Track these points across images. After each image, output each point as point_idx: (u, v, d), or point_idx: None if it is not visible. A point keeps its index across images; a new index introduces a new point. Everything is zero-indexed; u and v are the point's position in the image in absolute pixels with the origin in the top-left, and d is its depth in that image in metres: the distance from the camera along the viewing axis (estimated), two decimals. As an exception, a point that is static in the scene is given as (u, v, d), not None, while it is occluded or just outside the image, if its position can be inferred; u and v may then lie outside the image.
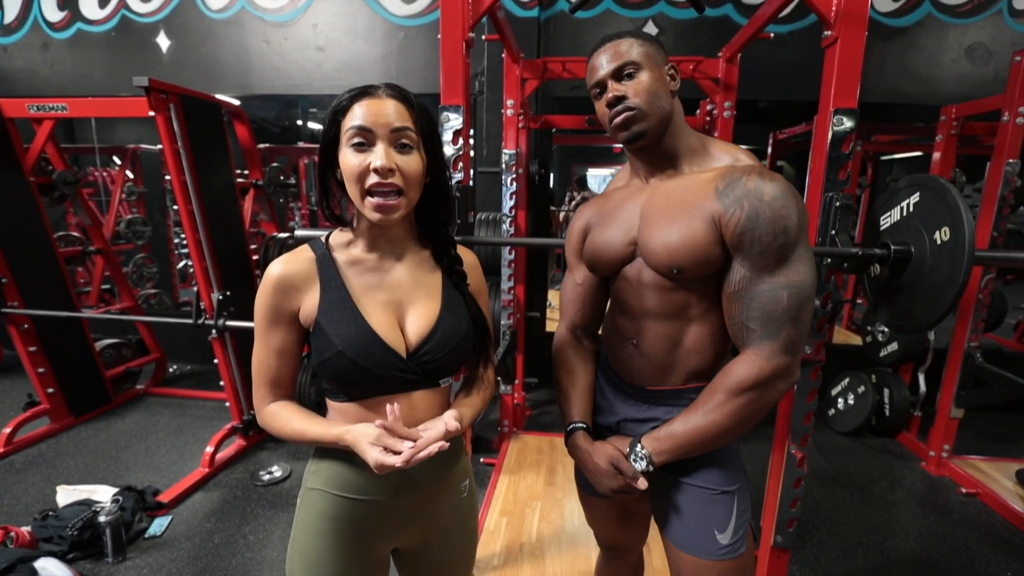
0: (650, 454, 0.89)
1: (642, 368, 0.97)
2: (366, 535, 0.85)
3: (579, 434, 0.99)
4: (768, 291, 0.82)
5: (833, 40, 1.38)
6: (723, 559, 0.93)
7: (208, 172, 2.37)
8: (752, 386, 0.83)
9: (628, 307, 0.98)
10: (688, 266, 0.86)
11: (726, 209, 0.83)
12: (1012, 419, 3.17)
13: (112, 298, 4.02)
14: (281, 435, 0.82)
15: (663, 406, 0.97)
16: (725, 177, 0.86)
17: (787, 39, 3.03)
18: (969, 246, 1.12)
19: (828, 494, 2.38)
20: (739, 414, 0.84)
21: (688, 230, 0.85)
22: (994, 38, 2.96)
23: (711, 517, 0.94)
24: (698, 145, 0.95)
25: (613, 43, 0.90)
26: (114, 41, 3.54)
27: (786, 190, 0.82)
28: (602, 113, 0.93)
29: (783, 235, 0.80)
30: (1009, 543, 2.08)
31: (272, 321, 0.80)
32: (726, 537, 0.93)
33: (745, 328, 0.85)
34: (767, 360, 0.83)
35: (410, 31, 3.25)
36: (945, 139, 2.66)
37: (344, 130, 0.76)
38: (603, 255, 0.99)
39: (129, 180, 4.45)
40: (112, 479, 2.37)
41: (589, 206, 1.07)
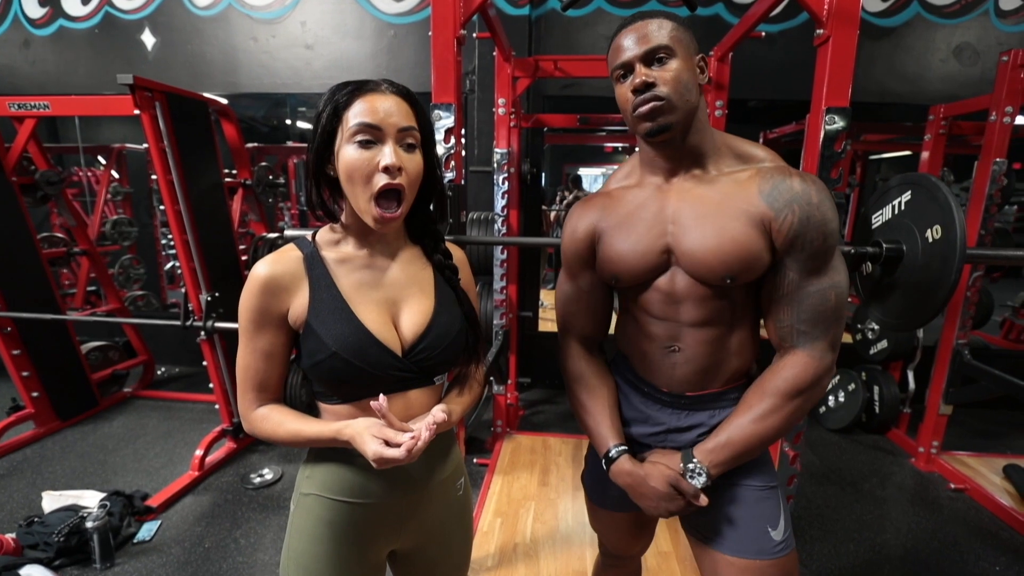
0: (707, 468, 0.86)
1: (684, 375, 0.92)
2: (364, 539, 0.84)
3: (625, 459, 0.92)
4: (817, 292, 0.83)
5: (825, 39, 1.38)
6: (779, 556, 0.88)
7: (195, 171, 2.33)
8: (808, 387, 0.83)
9: (660, 316, 0.91)
10: (741, 274, 0.83)
11: (777, 213, 0.81)
12: (999, 415, 3.21)
13: (98, 300, 3.95)
14: (273, 438, 0.79)
15: (705, 410, 0.93)
16: (767, 179, 0.83)
17: (777, 38, 3.04)
18: (961, 244, 1.13)
19: (819, 491, 2.39)
20: (795, 416, 0.84)
21: (742, 237, 0.82)
22: (981, 38, 2.99)
23: (763, 515, 0.90)
24: (720, 143, 0.90)
25: (644, 22, 0.82)
26: (97, 38, 3.48)
27: (828, 192, 0.82)
28: (624, 99, 0.85)
29: (831, 238, 0.81)
30: (997, 537, 2.10)
31: (259, 324, 0.77)
32: (779, 533, 0.90)
33: (795, 330, 0.84)
34: (820, 360, 0.83)
35: (400, 29, 3.23)
36: (933, 138, 2.68)
37: (347, 126, 0.72)
38: (630, 266, 0.89)
39: (114, 180, 4.38)
40: (99, 484, 2.32)
41: (590, 206, 0.96)
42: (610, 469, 0.94)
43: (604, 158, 9.16)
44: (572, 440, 2.78)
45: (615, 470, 0.93)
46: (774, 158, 0.88)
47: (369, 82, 0.74)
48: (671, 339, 0.91)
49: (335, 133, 0.74)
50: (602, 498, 1.07)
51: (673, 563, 1.84)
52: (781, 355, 0.87)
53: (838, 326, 0.84)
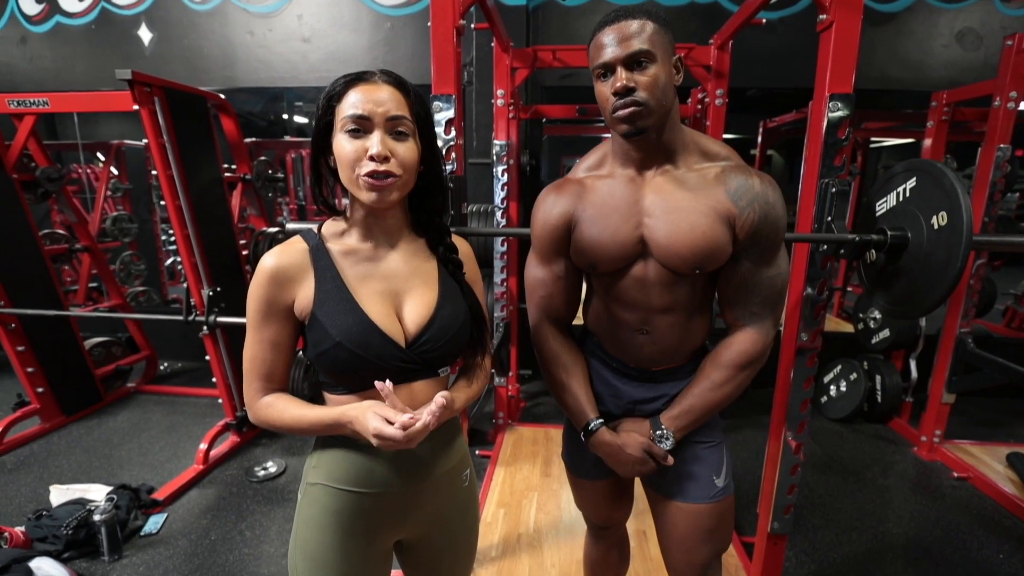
0: (673, 432, 0.98)
1: (651, 354, 1.02)
2: (370, 528, 0.85)
3: (603, 431, 1.01)
4: (767, 279, 0.94)
5: (828, 24, 1.36)
6: (719, 499, 1.03)
7: (195, 166, 2.33)
8: (757, 359, 0.96)
9: (632, 301, 0.98)
10: (708, 264, 0.93)
11: (741, 211, 0.91)
12: (1002, 404, 3.21)
13: (100, 296, 3.96)
14: (277, 426, 0.80)
15: (669, 382, 1.05)
16: (732, 178, 0.92)
17: (777, 26, 3.01)
18: (967, 231, 1.12)
19: (822, 480, 2.40)
20: (745, 384, 0.98)
21: (710, 232, 0.90)
22: (984, 23, 2.96)
23: (709, 465, 1.04)
24: (689, 140, 0.96)
25: (625, 22, 0.85)
26: (94, 34, 3.46)
27: (779, 192, 0.92)
28: (604, 97, 0.90)
29: (782, 232, 0.93)
30: (1000, 525, 2.11)
31: (265, 315, 0.78)
32: (721, 480, 1.04)
33: (748, 312, 0.96)
34: (766, 335, 0.96)
35: (396, 21, 3.20)
36: (936, 125, 2.66)
37: (339, 117, 0.74)
38: (609, 254, 0.95)
39: (114, 176, 4.38)
40: (106, 478, 2.34)
41: (563, 193, 1.00)
42: (589, 441, 1.02)
43: (604, 149, 9.10)
44: (575, 431, 2.79)
45: (594, 441, 1.02)
46: (733, 156, 0.97)
47: (364, 73, 0.75)
48: (641, 323, 1.00)
49: (331, 125, 0.75)
50: (581, 469, 1.16)
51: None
52: (733, 332, 0.98)
53: (781, 306, 0.98)
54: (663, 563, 1.77)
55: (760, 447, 1.58)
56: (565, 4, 3.09)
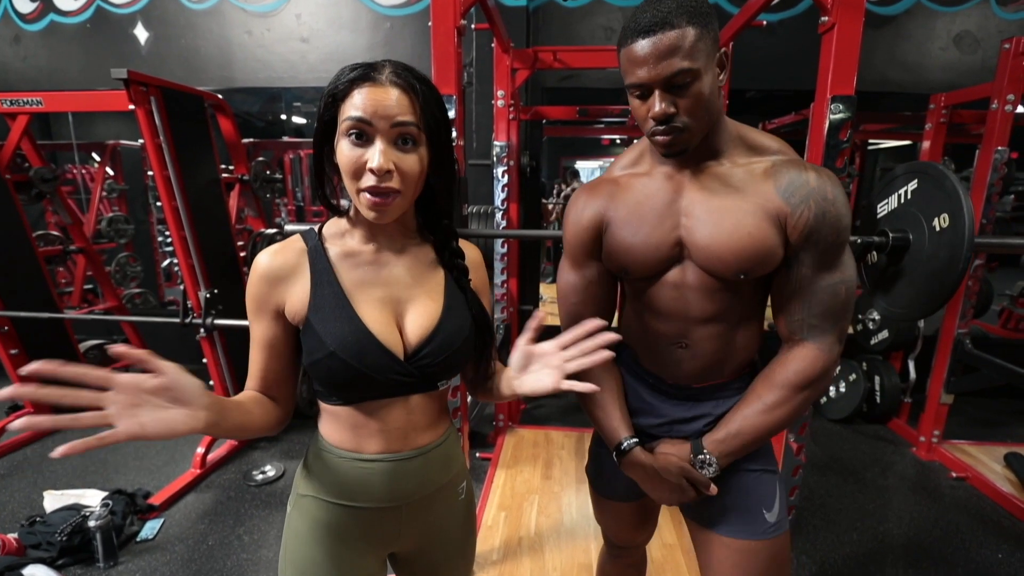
0: (717, 459, 0.87)
1: (690, 370, 0.92)
2: (362, 542, 0.81)
3: (637, 451, 0.92)
4: (828, 287, 0.83)
5: (830, 26, 1.36)
6: (772, 536, 0.91)
7: (192, 167, 2.30)
8: (817, 379, 0.84)
9: (669, 310, 0.90)
10: (755, 268, 0.83)
11: (793, 209, 0.80)
12: (999, 404, 3.22)
13: (95, 298, 3.92)
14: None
15: (711, 400, 0.94)
16: (783, 173, 0.82)
17: (777, 28, 3.02)
18: (969, 232, 1.12)
19: (822, 481, 2.40)
20: (803, 407, 0.85)
21: (757, 232, 0.81)
22: (981, 26, 2.97)
23: (759, 497, 0.92)
24: (734, 133, 0.87)
25: (663, 33, 0.73)
26: (90, 33, 3.43)
27: (842, 187, 0.82)
28: (641, 116, 0.81)
29: (844, 233, 0.81)
30: (998, 525, 2.11)
31: (255, 312, 0.76)
32: (773, 515, 0.91)
33: (806, 324, 0.84)
34: (828, 352, 0.84)
35: (396, 21, 3.20)
36: (935, 127, 2.67)
37: (342, 116, 0.69)
38: (641, 258, 0.87)
39: (109, 177, 4.34)
40: (101, 483, 2.31)
41: (596, 193, 0.92)
42: (622, 461, 0.93)
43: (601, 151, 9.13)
44: (574, 433, 2.78)
45: (627, 462, 0.93)
46: (787, 149, 0.87)
47: (372, 70, 0.69)
48: (679, 336, 0.90)
49: (334, 122, 0.71)
50: (607, 489, 1.07)
51: (678, 554, 1.85)
52: (790, 347, 0.87)
53: (846, 319, 0.84)
54: (663, 566, 1.78)
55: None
56: (566, 5, 3.09)
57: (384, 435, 0.78)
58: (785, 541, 0.93)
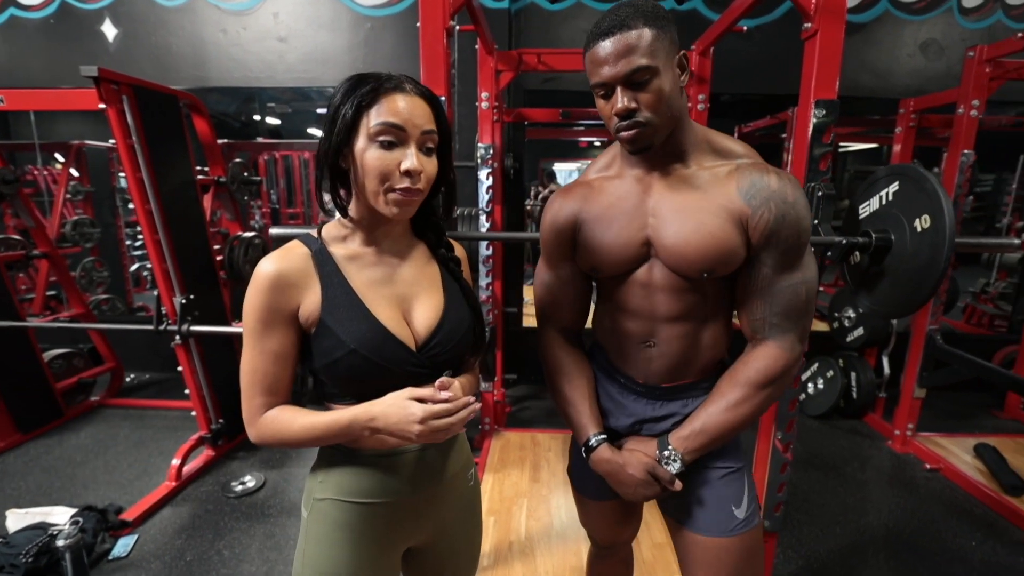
0: (681, 455, 0.89)
1: (658, 369, 0.95)
2: (383, 539, 0.83)
3: (604, 447, 0.95)
4: (789, 287, 0.86)
5: (813, 32, 1.39)
6: (742, 532, 0.94)
7: (166, 168, 2.23)
8: (778, 377, 0.87)
9: (637, 309, 0.93)
10: (718, 267, 0.86)
11: (754, 210, 0.83)
12: (968, 397, 3.35)
13: (58, 305, 3.75)
14: (286, 439, 0.76)
15: (678, 400, 0.97)
16: (745, 176, 0.85)
17: (753, 33, 3.08)
18: (950, 233, 1.16)
19: (803, 476, 2.45)
20: (765, 404, 0.88)
21: (720, 232, 0.84)
22: (946, 34, 3.09)
23: (728, 495, 0.95)
24: (700, 137, 0.91)
25: (621, 34, 0.78)
26: (53, 29, 3.29)
27: (802, 191, 0.85)
28: (606, 114, 0.86)
29: (804, 235, 0.85)
30: (971, 514, 2.19)
31: (267, 323, 0.75)
32: (742, 511, 0.95)
33: (768, 323, 0.88)
34: (790, 351, 0.87)
35: (376, 21, 3.15)
36: (904, 131, 2.77)
37: (370, 123, 0.72)
38: (611, 256, 0.91)
39: (74, 179, 4.17)
40: (68, 499, 2.21)
41: (571, 196, 0.96)
42: (590, 457, 0.97)
43: (579, 153, 9.20)
44: (560, 435, 2.78)
45: (595, 458, 0.96)
46: (751, 154, 0.90)
47: (392, 79, 0.74)
48: (647, 335, 0.94)
49: (355, 129, 0.73)
50: (586, 488, 1.10)
51: (668, 554, 1.85)
52: (753, 346, 0.90)
53: (807, 319, 0.88)
54: (654, 566, 1.79)
55: (750, 447, 1.60)
56: (548, 8, 3.10)
57: None
58: (757, 535, 0.96)
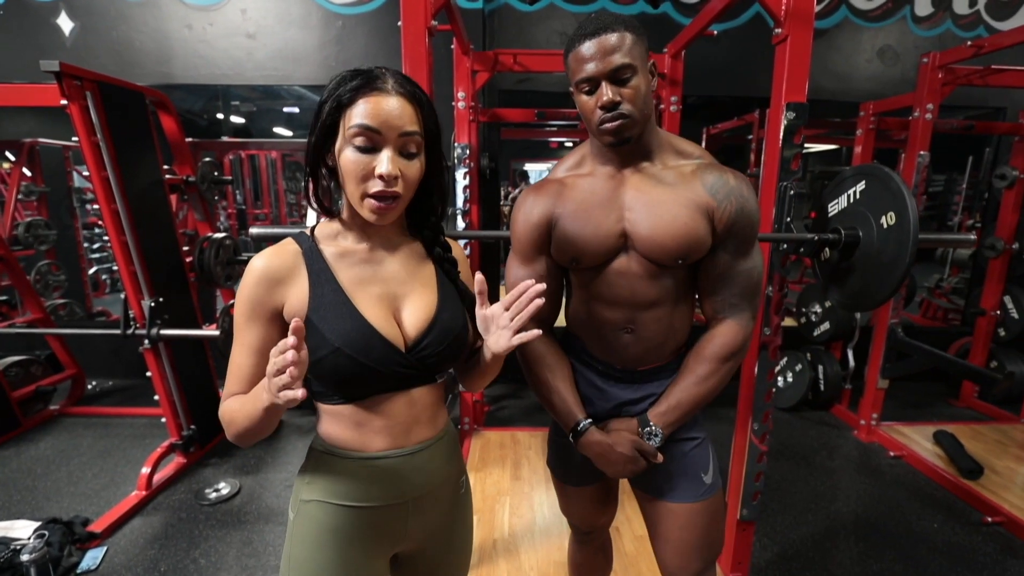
0: (662, 429, 0.98)
1: (636, 353, 1.02)
2: (370, 543, 0.81)
3: (593, 430, 1.01)
4: (745, 271, 0.98)
5: (784, 37, 1.44)
6: (710, 496, 1.04)
7: (132, 167, 2.15)
8: (738, 350, 0.98)
9: (614, 297, 0.99)
10: (690, 254, 0.94)
11: (719, 203, 0.94)
12: (927, 387, 3.52)
13: (10, 310, 3.57)
14: (236, 426, 0.72)
15: (654, 381, 1.05)
16: (708, 173, 0.95)
17: (721, 37, 3.17)
18: (914, 229, 1.22)
19: (776, 466, 2.54)
20: (728, 376, 0.99)
21: (691, 222, 0.92)
22: (900, 41, 3.25)
23: (696, 463, 1.05)
24: (664, 139, 1.00)
25: (605, 35, 0.87)
26: (3, 22, 3.13)
27: (752, 189, 0.97)
28: (588, 109, 0.92)
29: (756, 226, 0.97)
30: (932, 497, 2.31)
31: (250, 317, 0.74)
32: (709, 477, 1.05)
33: (728, 303, 0.99)
34: (745, 327, 0.99)
35: (348, 20, 3.11)
36: (865, 133, 2.89)
37: (347, 124, 0.71)
38: (591, 247, 0.96)
39: (27, 178, 3.97)
40: (31, 512, 2.11)
41: (543, 193, 1.01)
42: (579, 442, 1.02)
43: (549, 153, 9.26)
44: (540, 433, 2.80)
45: (584, 441, 1.01)
46: (706, 155, 1.01)
47: (377, 78, 0.72)
48: (626, 321, 1.00)
49: (336, 128, 0.72)
50: (567, 475, 1.16)
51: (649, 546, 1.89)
52: (714, 325, 1.00)
53: (758, 299, 1.01)
54: (637, 558, 1.82)
55: (723, 439, 1.65)
56: (521, 9, 3.11)
57: (388, 431, 0.79)
58: (720, 498, 1.07)
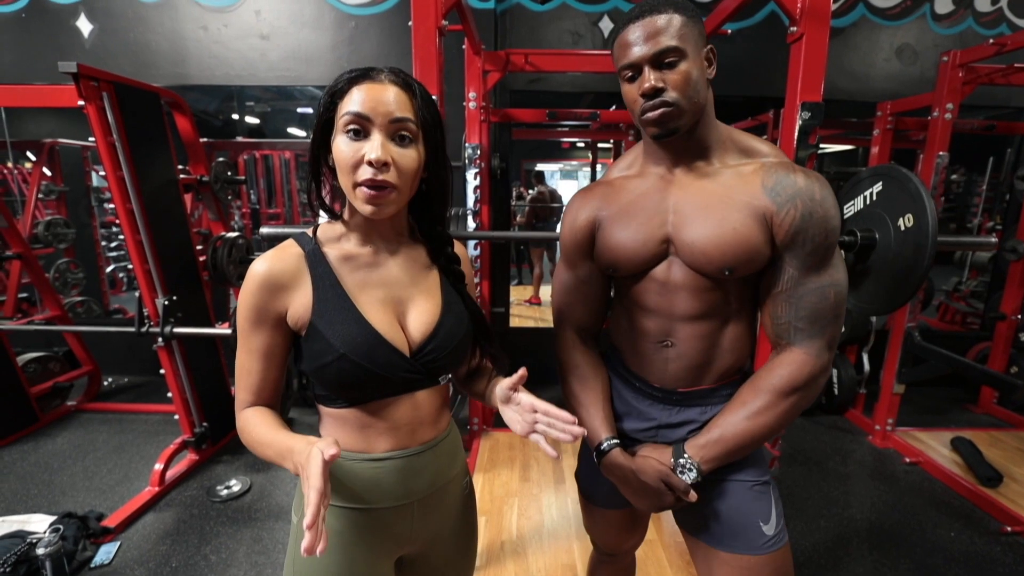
0: (698, 464, 0.84)
1: (676, 371, 0.92)
2: (375, 547, 0.80)
3: (616, 452, 0.92)
4: (816, 290, 0.82)
5: (799, 36, 1.42)
6: (771, 551, 0.88)
7: (147, 167, 2.18)
8: (803, 385, 0.82)
9: (655, 308, 0.90)
10: (740, 266, 0.83)
11: (779, 207, 0.80)
12: (943, 392, 3.44)
13: (30, 307, 3.64)
14: (249, 445, 0.75)
15: (696, 407, 0.93)
16: (771, 173, 0.83)
17: (735, 37, 3.13)
18: (933, 232, 1.19)
19: (788, 471, 2.50)
20: (790, 414, 0.83)
21: (743, 228, 0.81)
22: (919, 40, 3.19)
23: (754, 510, 0.89)
24: (725, 136, 0.89)
25: (651, 18, 0.79)
26: (25, 24, 3.19)
27: (830, 190, 0.82)
28: (632, 99, 0.84)
29: (832, 234, 0.81)
30: (949, 505, 2.26)
31: (255, 322, 0.74)
32: (771, 528, 0.89)
33: (793, 327, 0.83)
34: (816, 358, 0.82)
35: (361, 20, 3.12)
36: (882, 133, 2.84)
37: (340, 114, 0.70)
38: (629, 254, 0.88)
39: (47, 178, 4.05)
40: (47, 506, 2.15)
41: (591, 196, 0.95)
42: (601, 462, 0.93)
43: (561, 154, 9.22)
44: (549, 434, 2.78)
45: (606, 463, 0.93)
46: (778, 153, 0.88)
47: (370, 70, 0.72)
48: (664, 334, 0.90)
49: (332, 123, 0.72)
50: (595, 494, 1.07)
51: (659, 550, 1.87)
52: (778, 352, 0.86)
53: (836, 325, 0.83)
54: (645, 561, 1.81)
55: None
56: (533, 9, 3.11)
57: (393, 432, 0.79)
58: (786, 553, 0.90)
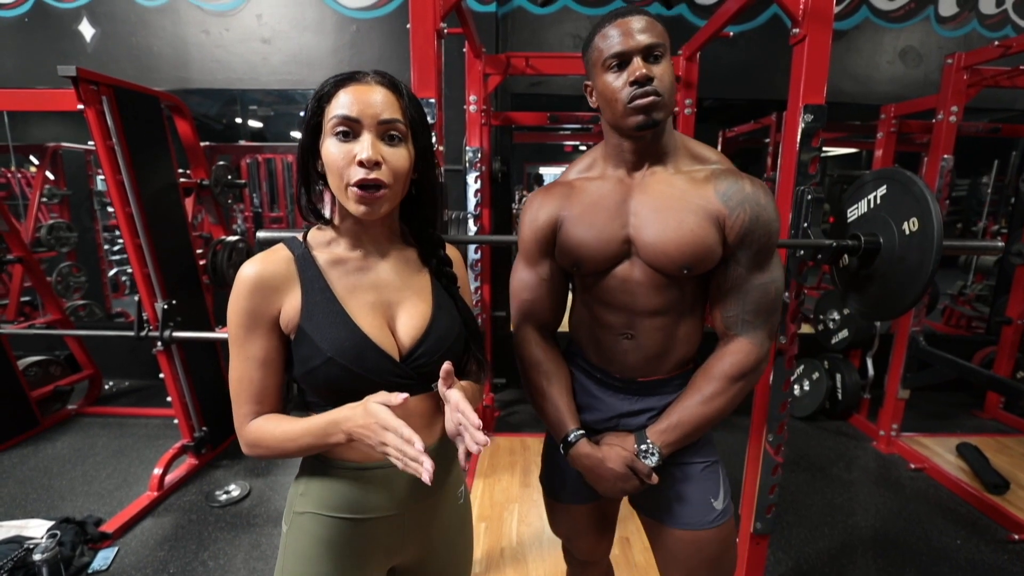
0: (660, 448, 0.92)
1: (636, 361, 0.97)
2: (365, 557, 0.79)
3: (583, 442, 0.96)
4: (760, 286, 0.91)
5: (802, 38, 1.41)
6: (720, 523, 0.98)
7: (147, 171, 2.18)
8: (750, 371, 0.91)
9: (617, 304, 0.95)
10: (697, 264, 0.89)
11: (731, 211, 0.88)
12: (949, 397, 3.42)
13: (33, 311, 3.64)
14: (271, 448, 0.73)
15: (655, 395, 1.00)
16: (722, 180, 0.90)
17: (737, 39, 3.12)
18: (938, 235, 1.18)
19: (791, 478, 2.47)
20: (738, 398, 0.92)
21: (699, 230, 0.87)
22: (923, 42, 3.17)
23: (707, 488, 0.99)
24: (679, 142, 0.95)
25: (638, 16, 0.84)
26: (28, 28, 3.20)
27: (772, 196, 0.91)
28: (614, 89, 0.86)
29: (774, 236, 0.90)
30: (955, 512, 2.23)
31: (249, 328, 0.72)
32: (720, 503, 0.99)
33: (740, 320, 0.92)
34: (760, 346, 0.91)
35: (363, 24, 3.13)
36: (886, 136, 2.82)
37: (328, 118, 0.70)
38: (592, 252, 0.93)
39: (50, 182, 4.06)
40: (45, 511, 2.14)
41: (551, 195, 0.98)
42: (568, 453, 0.97)
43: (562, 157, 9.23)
44: (550, 439, 2.76)
45: (574, 454, 0.96)
46: (724, 160, 0.95)
47: (356, 73, 0.72)
48: (625, 327, 0.96)
49: (320, 127, 0.72)
50: (560, 491, 1.11)
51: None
52: (725, 342, 0.94)
53: (776, 316, 0.94)
54: (648, 570, 1.78)
55: (736, 449, 1.61)
56: (534, 12, 3.10)
57: None
58: (731, 526, 1.00)
